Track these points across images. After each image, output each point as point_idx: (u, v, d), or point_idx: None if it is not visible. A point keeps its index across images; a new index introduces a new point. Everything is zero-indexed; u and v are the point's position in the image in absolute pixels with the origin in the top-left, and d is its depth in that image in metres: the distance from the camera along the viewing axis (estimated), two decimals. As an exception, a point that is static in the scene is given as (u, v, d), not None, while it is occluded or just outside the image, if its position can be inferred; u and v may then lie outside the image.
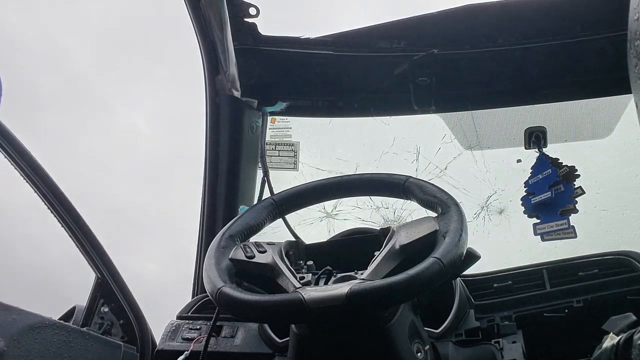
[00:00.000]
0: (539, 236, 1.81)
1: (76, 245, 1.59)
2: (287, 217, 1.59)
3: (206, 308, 1.70)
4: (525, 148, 1.90)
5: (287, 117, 2.10)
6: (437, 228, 1.14)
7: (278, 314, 1.03)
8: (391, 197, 1.39)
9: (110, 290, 1.64)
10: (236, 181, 2.01)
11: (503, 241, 2.09)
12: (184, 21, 1.85)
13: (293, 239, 1.46)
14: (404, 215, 2.07)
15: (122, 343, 1.62)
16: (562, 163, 1.82)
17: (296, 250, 1.34)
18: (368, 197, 1.98)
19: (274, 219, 1.38)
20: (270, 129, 2.08)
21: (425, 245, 1.12)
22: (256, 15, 1.91)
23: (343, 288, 0.97)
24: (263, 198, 1.57)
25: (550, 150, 1.86)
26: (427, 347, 1.23)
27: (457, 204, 1.19)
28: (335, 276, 1.16)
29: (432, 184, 1.28)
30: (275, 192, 1.50)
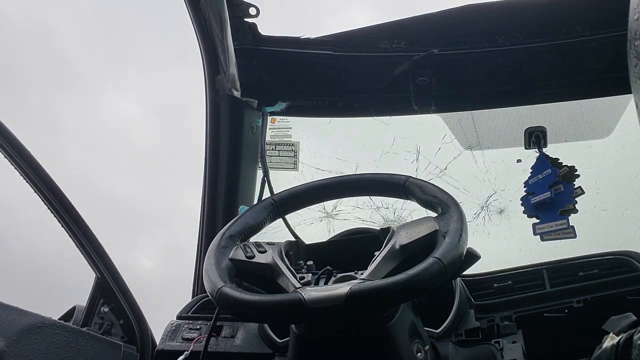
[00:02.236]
0: (539, 236, 1.81)
1: (76, 245, 1.59)
2: (287, 217, 1.59)
3: (206, 308, 1.70)
4: (525, 148, 1.90)
5: (287, 117, 2.10)
6: (437, 228, 1.13)
7: (278, 314, 1.03)
8: (391, 197, 1.39)
9: (110, 290, 1.64)
10: (236, 181, 2.01)
11: (503, 241, 2.09)
12: (184, 21, 1.85)
13: (293, 239, 1.46)
14: (404, 215, 2.07)
15: (122, 343, 1.61)
16: (562, 163, 1.82)
17: (296, 250, 1.34)
18: (368, 197, 1.98)
19: (274, 219, 1.38)
20: (270, 129, 2.08)
21: (425, 245, 1.12)
22: (256, 15, 1.91)
23: (343, 288, 0.97)
24: (263, 198, 1.57)
25: (550, 150, 1.87)
26: (427, 347, 1.23)
27: (457, 204, 1.19)
28: (335, 276, 1.16)
29: (432, 184, 1.28)
30: (275, 192, 1.50)
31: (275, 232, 1.66)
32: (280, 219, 1.47)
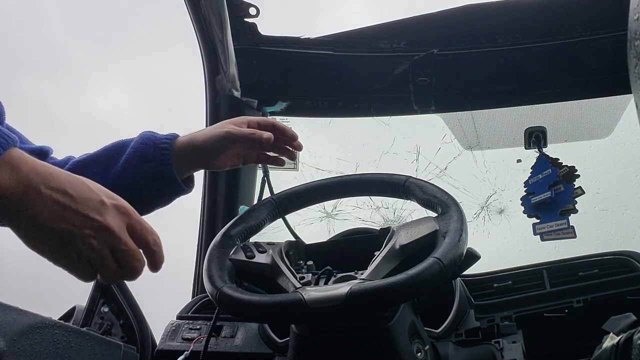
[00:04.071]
0: (539, 236, 1.81)
1: (76, 245, 1.58)
2: (287, 217, 1.58)
3: (206, 308, 1.70)
4: (525, 148, 1.90)
5: (287, 117, 2.09)
6: (437, 228, 1.13)
7: (278, 314, 1.03)
8: (391, 197, 1.39)
9: (110, 290, 1.64)
10: (236, 181, 2.01)
11: (503, 241, 2.09)
12: (183, 21, 1.85)
13: (293, 239, 1.46)
14: (404, 215, 2.07)
15: (122, 343, 1.61)
16: (562, 163, 1.82)
17: (296, 250, 1.34)
18: (368, 197, 1.98)
19: (274, 219, 1.38)
20: (270, 129, 2.07)
21: (425, 245, 1.12)
22: (256, 15, 1.90)
23: (343, 288, 0.97)
24: (263, 198, 1.57)
25: (550, 150, 1.86)
26: (427, 347, 1.22)
27: (457, 204, 1.19)
28: (335, 276, 1.16)
29: (432, 184, 1.28)
30: (275, 192, 1.50)
31: (275, 232, 1.66)
32: (280, 219, 1.47)
